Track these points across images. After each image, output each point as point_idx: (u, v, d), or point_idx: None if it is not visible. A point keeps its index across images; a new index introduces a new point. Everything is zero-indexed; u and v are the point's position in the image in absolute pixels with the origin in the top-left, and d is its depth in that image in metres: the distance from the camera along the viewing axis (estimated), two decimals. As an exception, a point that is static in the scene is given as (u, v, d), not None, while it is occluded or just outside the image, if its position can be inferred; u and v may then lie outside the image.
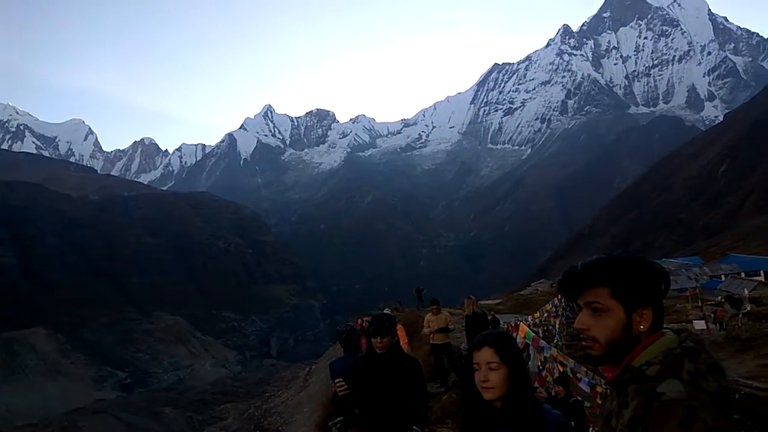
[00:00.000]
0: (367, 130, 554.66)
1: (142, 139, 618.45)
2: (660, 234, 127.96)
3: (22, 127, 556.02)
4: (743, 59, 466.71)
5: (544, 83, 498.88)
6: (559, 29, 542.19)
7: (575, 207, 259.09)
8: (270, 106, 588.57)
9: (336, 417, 3.95)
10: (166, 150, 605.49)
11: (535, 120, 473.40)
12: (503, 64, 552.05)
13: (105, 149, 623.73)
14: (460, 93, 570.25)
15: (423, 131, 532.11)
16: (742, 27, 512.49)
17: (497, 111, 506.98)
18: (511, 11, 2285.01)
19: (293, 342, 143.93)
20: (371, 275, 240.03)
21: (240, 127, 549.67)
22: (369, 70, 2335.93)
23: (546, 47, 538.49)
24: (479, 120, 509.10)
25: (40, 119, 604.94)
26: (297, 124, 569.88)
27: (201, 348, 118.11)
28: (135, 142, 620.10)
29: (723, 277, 50.41)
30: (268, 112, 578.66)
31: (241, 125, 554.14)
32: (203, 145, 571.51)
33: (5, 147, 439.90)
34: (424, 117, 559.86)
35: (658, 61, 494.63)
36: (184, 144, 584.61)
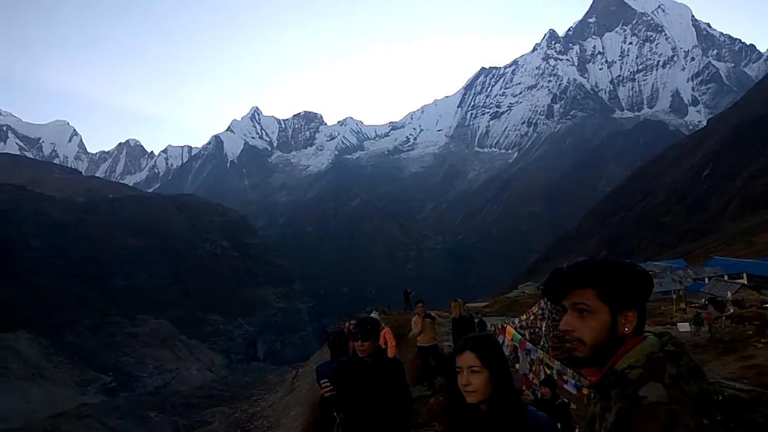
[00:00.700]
0: (355, 132, 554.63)
1: (127, 141, 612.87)
2: (644, 237, 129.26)
3: (5, 128, 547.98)
4: (726, 65, 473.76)
5: (530, 87, 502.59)
6: (546, 34, 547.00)
7: (561, 210, 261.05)
8: (257, 108, 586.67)
9: (327, 421, 3.93)
10: (151, 152, 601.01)
11: (522, 124, 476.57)
12: (490, 68, 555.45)
13: (90, 151, 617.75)
14: (447, 96, 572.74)
15: (411, 134, 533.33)
16: (724, 33, 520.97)
17: (484, 115, 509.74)
18: (499, 16, 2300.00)
19: (280, 345, 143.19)
20: (359, 278, 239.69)
21: (227, 129, 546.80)
22: (357, 72, 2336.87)
23: (532, 52, 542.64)
24: (466, 123, 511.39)
25: (23, 120, 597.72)
26: (284, 126, 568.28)
27: (187, 352, 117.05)
28: (120, 143, 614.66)
29: (706, 280, 51.06)
30: (255, 114, 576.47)
31: (228, 127, 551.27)
32: (189, 147, 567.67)
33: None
34: (411, 120, 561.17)
35: (642, 66, 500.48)
36: (170, 146, 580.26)
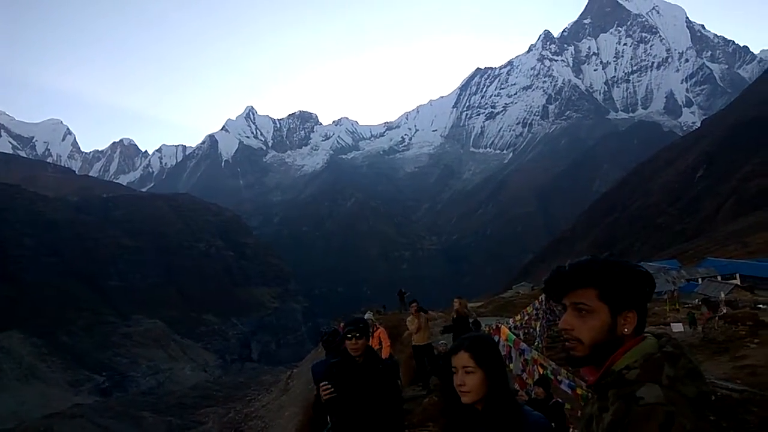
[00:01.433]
0: (350, 132, 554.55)
1: (121, 140, 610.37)
2: (638, 238, 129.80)
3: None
4: (720, 66, 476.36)
5: (525, 88, 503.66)
6: (541, 35, 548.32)
7: (556, 211, 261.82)
8: (252, 107, 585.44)
9: (321, 423, 3.89)
10: (145, 151, 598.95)
11: (517, 124, 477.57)
12: (485, 68, 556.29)
13: (83, 150, 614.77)
14: (442, 97, 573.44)
15: (406, 134, 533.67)
16: (718, 35, 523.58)
17: (479, 115, 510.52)
18: (494, 16, 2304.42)
19: (275, 345, 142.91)
20: (354, 278, 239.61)
21: (221, 129, 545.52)
22: (352, 72, 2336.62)
23: (527, 52, 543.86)
24: (462, 124, 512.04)
25: (16, 119, 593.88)
26: (279, 125, 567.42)
27: (180, 352, 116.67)
28: (114, 142, 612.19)
29: (700, 281, 51.27)
30: (250, 113, 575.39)
31: (223, 126, 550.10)
32: (184, 147, 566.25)
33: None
34: (407, 120, 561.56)
35: (637, 68, 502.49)
36: (164, 145, 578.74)
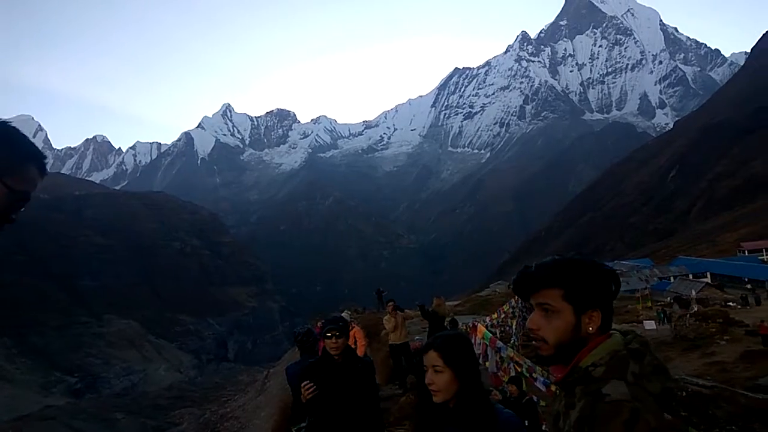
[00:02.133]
0: (329, 131, 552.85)
1: (94, 137, 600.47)
2: (613, 236, 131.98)
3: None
4: (692, 69, 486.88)
5: (503, 88, 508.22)
6: (518, 36, 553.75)
7: (532, 210, 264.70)
8: (229, 104, 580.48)
9: (297, 421, 3.84)
10: (119, 148, 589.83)
11: (495, 124, 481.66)
12: (464, 68, 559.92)
13: (55, 146, 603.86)
14: (421, 96, 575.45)
15: (385, 133, 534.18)
16: (691, 38, 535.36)
17: (458, 115, 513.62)
18: (472, 17, 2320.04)
19: (251, 345, 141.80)
20: (332, 277, 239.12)
21: (197, 126, 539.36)
22: (331, 71, 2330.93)
23: (505, 53, 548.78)
24: (440, 123, 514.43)
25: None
26: (257, 123, 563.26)
27: (155, 352, 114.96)
28: (87, 139, 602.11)
29: (672, 279, 52.42)
30: (227, 111, 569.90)
31: (199, 124, 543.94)
32: (159, 144, 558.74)
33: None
34: (385, 119, 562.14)
35: (611, 69, 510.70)
36: (138, 142, 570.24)
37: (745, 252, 60.53)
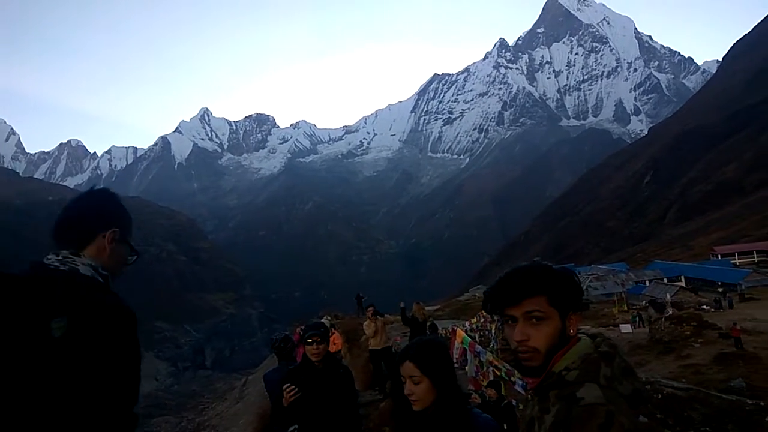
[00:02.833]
0: (308, 135, 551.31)
1: (68, 141, 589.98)
2: (589, 241, 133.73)
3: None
4: (666, 76, 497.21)
5: (481, 95, 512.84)
6: (496, 43, 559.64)
7: (511, 214, 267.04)
8: (207, 109, 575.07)
9: (286, 426, 3.78)
10: (94, 152, 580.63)
11: (474, 130, 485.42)
12: (443, 74, 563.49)
13: (28, 151, 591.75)
14: (401, 101, 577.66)
15: (364, 138, 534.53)
16: (665, 46, 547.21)
17: (437, 120, 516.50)
18: (451, 23, 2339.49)
19: (229, 352, 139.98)
20: (311, 282, 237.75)
21: (175, 130, 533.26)
22: (311, 75, 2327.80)
23: (483, 60, 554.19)
24: (420, 128, 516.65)
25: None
26: (235, 128, 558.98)
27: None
28: (61, 143, 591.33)
29: (647, 283, 53.21)
30: (205, 115, 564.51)
31: (176, 128, 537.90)
32: (135, 148, 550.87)
33: None
34: (365, 124, 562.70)
35: (588, 76, 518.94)
36: (114, 146, 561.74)
37: (718, 256, 61.71)
